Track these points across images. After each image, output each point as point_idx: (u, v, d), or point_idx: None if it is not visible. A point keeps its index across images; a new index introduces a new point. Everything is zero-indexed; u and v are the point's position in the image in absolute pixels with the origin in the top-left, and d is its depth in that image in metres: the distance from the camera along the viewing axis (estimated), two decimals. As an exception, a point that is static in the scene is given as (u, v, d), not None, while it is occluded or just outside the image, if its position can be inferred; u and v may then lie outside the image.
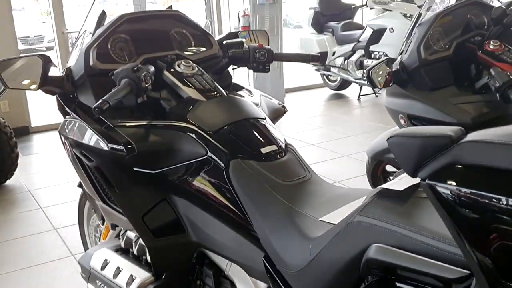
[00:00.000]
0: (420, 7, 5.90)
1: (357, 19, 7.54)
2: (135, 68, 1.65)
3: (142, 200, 1.72)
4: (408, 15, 5.82)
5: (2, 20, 5.67)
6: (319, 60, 2.06)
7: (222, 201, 1.63)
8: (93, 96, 1.79)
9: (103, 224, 2.34)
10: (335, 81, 7.34)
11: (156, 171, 1.71)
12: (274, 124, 1.86)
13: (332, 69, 6.88)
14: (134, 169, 1.71)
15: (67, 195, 4.03)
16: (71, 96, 1.90)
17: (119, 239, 2.03)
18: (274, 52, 2.00)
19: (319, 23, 7.11)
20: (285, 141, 1.76)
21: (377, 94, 6.94)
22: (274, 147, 1.66)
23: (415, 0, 5.85)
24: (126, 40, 1.90)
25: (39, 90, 1.82)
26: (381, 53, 6.17)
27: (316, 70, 7.28)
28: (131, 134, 1.69)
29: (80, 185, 2.36)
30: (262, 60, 1.98)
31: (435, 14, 2.50)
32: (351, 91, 7.30)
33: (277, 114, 2.01)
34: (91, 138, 1.75)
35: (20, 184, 4.37)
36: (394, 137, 1.02)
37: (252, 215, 1.53)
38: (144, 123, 1.72)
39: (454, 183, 0.92)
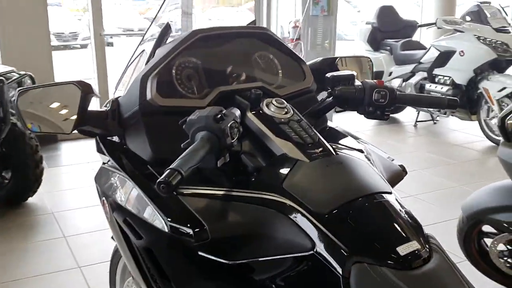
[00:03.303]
0: (498, 30, 5.32)
1: (415, 38, 6.94)
2: (219, 116, 1.12)
3: None
4: (482, 38, 5.21)
5: (36, 15, 5.29)
6: (457, 105, 1.52)
7: None
8: (149, 145, 1.28)
9: (141, 293, 1.82)
10: (388, 103, 6.74)
11: (234, 262, 1.18)
12: None
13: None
14: (201, 254, 1.18)
15: (95, 223, 3.53)
16: (116, 139, 1.39)
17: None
18: (397, 93, 1.46)
19: (376, 40, 6.54)
20: (423, 229, 1.20)
21: (435, 121, 6.32)
22: (415, 245, 1.11)
23: (491, 22, 5.23)
24: (196, 66, 1.39)
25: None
26: (446, 78, 5.57)
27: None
28: (202, 209, 1.16)
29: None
30: (382, 103, 1.44)
31: None
32: (406, 116, 6.69)
33: (395, 178, 1.46)
34: (142, 206, 1.22)
35: (43, 204, 3.89)
36: None
37: None
38: (221, 193, 1.20)
39: None
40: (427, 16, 7.54)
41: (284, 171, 1.19)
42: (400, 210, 1.19)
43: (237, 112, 1.21)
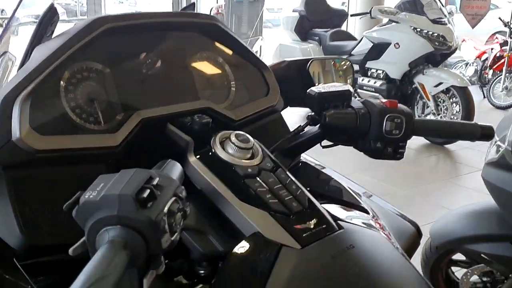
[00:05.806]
0: (434, 21, 5.03)
1: (343, 27, 6.60)
2: (146, 192, 0.58)
3: None
4: (418, 29, 4.91)
5: None
6: (493, 135, 1.06)
7: None
8: (18, 222, 0.72)
9: None
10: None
11: None
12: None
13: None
14: None
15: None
16: None
17: None
18: (415, 119, 0.98)
19: (304, 29, 6.13)
20: None
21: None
22: None
23: (427, 13, 4.94)
24: (101, 78, 0.84)
25: None
26: (380, 72, 5.25)
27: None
28: None
29: None
30: (396, 135, 0.96)
31: None
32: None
33: (409, 246, 1.00)
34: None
35: None
36: None
37: None
38: None
39: None
40: (353, 6, 7.25)
41: (261, 269, 0.68)
42: None
43: (178, 171, 0.68)
